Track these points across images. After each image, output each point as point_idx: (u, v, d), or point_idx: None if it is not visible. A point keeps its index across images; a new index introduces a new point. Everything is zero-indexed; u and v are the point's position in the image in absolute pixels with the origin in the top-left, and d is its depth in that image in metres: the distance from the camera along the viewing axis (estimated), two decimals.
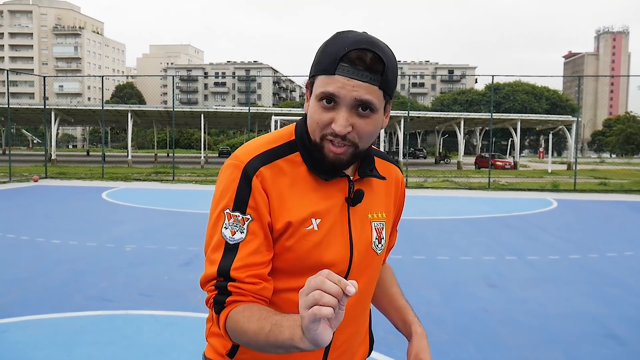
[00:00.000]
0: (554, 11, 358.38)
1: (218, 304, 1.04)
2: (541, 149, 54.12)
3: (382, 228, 1.20)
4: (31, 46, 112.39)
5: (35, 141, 68.50)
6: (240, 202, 1.05)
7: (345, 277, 1.11)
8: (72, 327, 4.05)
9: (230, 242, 1.04)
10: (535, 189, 18.05)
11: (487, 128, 45.54)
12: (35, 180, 18.68)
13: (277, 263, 1.09)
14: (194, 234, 8.19)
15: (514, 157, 39.47)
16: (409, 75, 37.60)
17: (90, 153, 61.00)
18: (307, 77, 1.11)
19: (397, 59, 1.19)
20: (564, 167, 37.46)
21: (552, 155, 35.50)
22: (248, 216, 1.04)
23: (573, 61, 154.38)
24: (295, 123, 1.16)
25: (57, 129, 38.09)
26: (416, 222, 9.91)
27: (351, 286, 0.79)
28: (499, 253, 7.16)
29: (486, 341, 3.92)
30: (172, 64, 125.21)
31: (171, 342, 3.77)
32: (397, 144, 38.34)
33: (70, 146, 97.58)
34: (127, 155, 34.57)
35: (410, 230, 8.91)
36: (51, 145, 33.31)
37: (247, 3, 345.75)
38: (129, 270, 5.91)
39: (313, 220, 1.08)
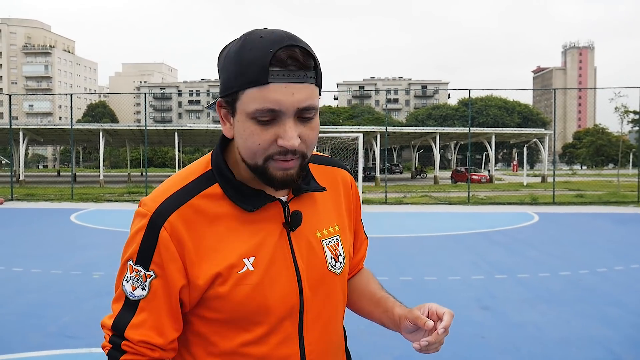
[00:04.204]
0: (521, 27, 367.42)
1: (112, 358, 0.96)
2: (514, 162, 54.86)
3: (338, 243, 1.06)
4: (0, 65, 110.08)
5: (3, 162, 66.62)
6: (143, 256, 0.93)
7: (300, 312, 0.98)
8: None
9: (131, 298, 0.94)
10: (515, 202, 17.99)
11: (462, 142, 45.91)
12: (0, 203, 17.88)
13: (218, 316, 0.96)
14: None
15: (489, 170, 39.76)
16: (384, 91, 37.57)
17: (61, 173, 59.45)
18: (220, 95, 0.96)
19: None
20: (538, 179, 37.86)
21: (525, 168, 35.86)
22: (151, 272, 0.93)
23: (542, 76, 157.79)
24: (210, 152, 1.03)
25: (26, 149, 37.03)
26: (399, 240, 9.61)
27: None
28: (488, 271, 6.88)
29: None
30: (145, 82, 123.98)
31: None
32: (374, 160, 38.24)
33: (41, 166, 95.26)
34: (99, 175, 33.73)
35: (393, 248, 8.62)
36: (19, 166, 32.27)
37: (224, 23, 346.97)
38: (95, 301, 5.46)
39: (245, 260, 0.94)
